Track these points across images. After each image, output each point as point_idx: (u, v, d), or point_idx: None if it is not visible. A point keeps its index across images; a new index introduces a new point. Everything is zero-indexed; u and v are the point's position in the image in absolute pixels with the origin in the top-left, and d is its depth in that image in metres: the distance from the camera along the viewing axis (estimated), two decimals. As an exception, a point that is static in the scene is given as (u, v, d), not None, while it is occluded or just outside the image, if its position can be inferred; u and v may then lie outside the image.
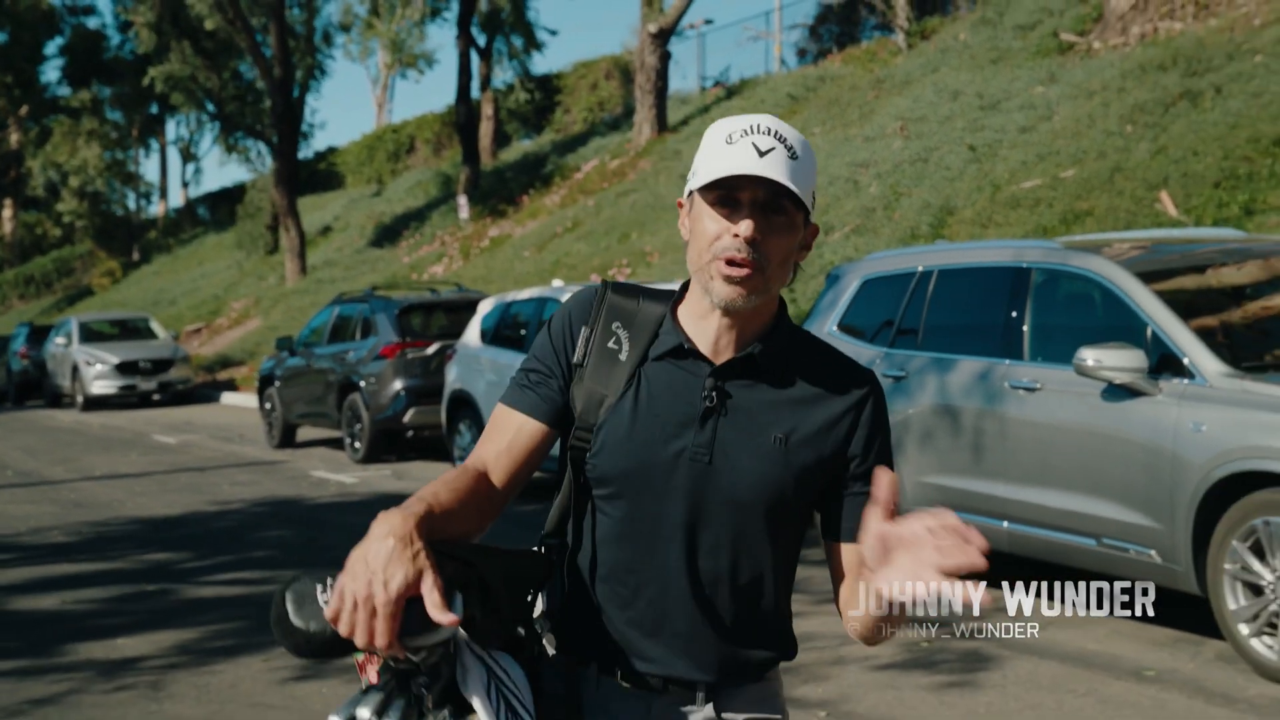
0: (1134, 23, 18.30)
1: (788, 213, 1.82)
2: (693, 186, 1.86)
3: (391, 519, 1.60)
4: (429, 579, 1.57)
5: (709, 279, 1.82)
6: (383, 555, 1.56)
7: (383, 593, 1.54)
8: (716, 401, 1.85)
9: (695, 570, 1.85)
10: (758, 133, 1.82)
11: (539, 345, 1.96)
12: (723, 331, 1.87)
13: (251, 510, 10.34)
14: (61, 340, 23.45)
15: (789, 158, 1.81)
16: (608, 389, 1.89)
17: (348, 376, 13.40)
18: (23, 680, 5.59)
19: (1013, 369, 6.24)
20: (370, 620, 1.55)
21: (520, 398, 1.92)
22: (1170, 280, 5.97)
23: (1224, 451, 5.19)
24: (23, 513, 10.55)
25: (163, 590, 7.41)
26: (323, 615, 1.58)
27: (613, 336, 1.92)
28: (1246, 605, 5.15)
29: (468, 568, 1.68)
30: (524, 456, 1.90)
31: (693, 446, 1.84)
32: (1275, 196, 11.52)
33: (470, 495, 1.79)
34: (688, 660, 1.87)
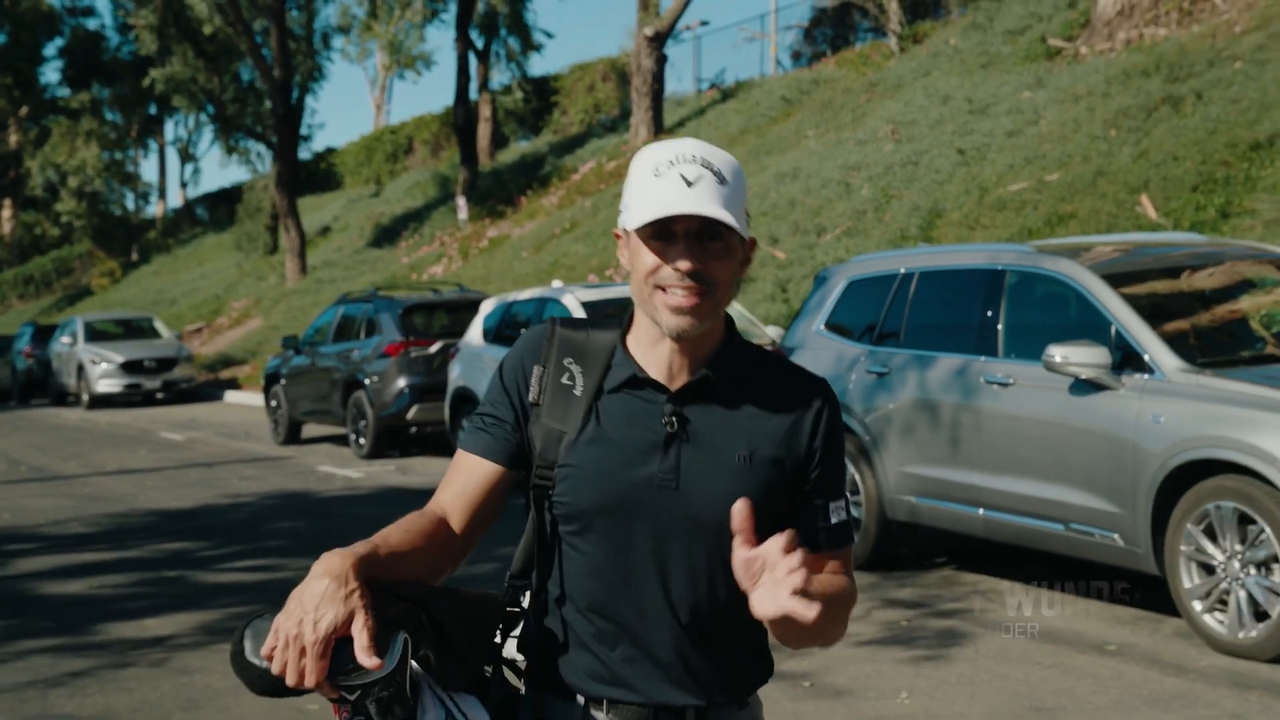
0: (1120, 29, 18.70)
1: (723, 237, 1.83)
2: (627, 225, 1.87)
3: (330, 559, 1.63)
4: (360, 620, 1.58)
5: (655, 310, 1.84)
6: (315, 595, 1.59)
7: (311, 632, 1.57)
8: (677, 427, 1.87)
9: (672, 597, 1.86)
10: (683, 162, 1.83)
11: (492, 388, 1.96)
12: (675, 357, 1.88)
13: (262, 503, 10.72)
14: (67, 339, 23.82)
15: (718, 184, 1.82)
16: (565, 425, 1.89)
17: (352, 374, 13.78)
18: (60, 656, 5.97)
19: (988, 365, 6.64)
20: (300, 659, 1.58)
21: (475, 441, 1.93)
22: (1133, 282, 6.37)
23: (1180, 441, 5.59)
24: (41, 506, 10.93)
25: (182, 576, 7.79)
26: None
27: (565, 372, 1.92)
28: (1200, 584, 5.55)
29: (417, 608, 1.68)
30: (480, 498, 1.90)
31: (659, 473, 1.85)
32: (1250, 200, 11.91)
33: (424, 538, 1.79)
34: (673, 687, 1.88)
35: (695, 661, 1.87)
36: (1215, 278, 6.72)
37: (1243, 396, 5.48)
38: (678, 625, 1.86)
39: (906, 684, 5.26)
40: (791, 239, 16.80)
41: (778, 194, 18.73)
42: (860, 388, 7.30)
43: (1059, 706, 4.89)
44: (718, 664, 1.88)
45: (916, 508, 7.03)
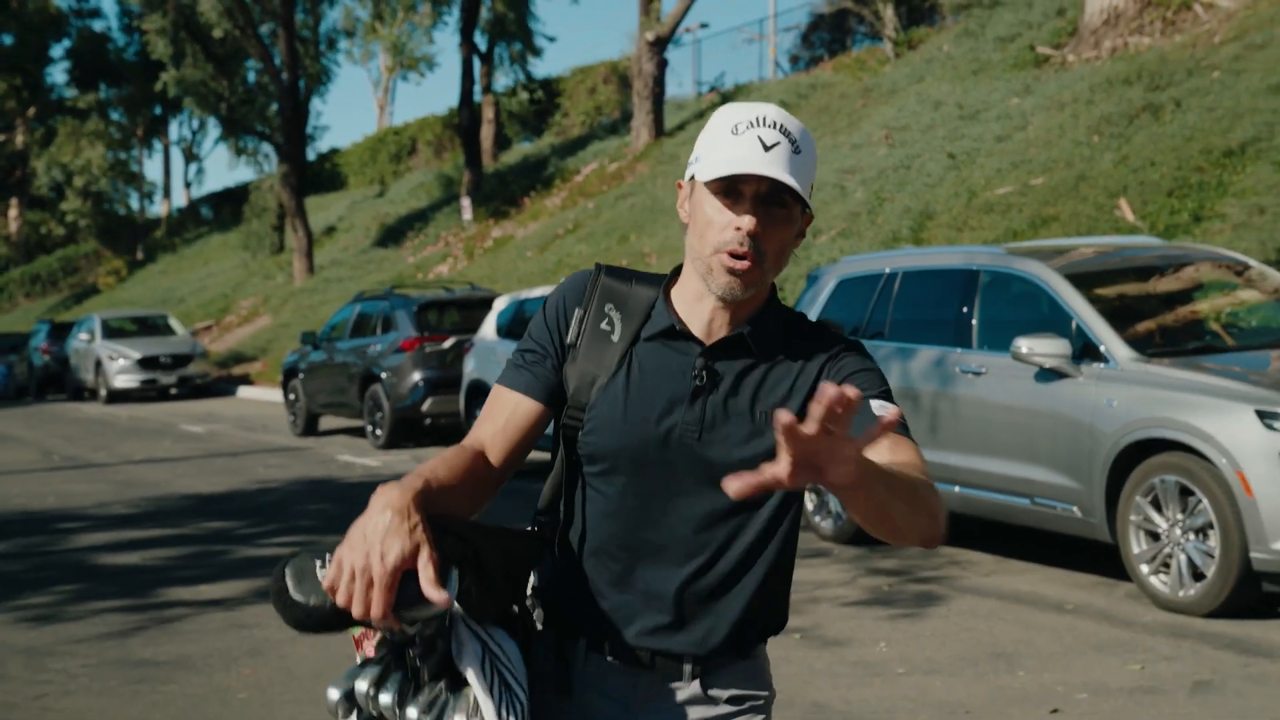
0: (1106, 37, 19.39)
1: (787, 205, 1.85)
2: (697, 175, 1.87)
3: (390, 493, 1.64)
4: (425, 554, 1.60)
5: (708, 269, 1.86)
6: (380, 528, 1.59)
7: (379, 565, 1.57)
8: (706, 380, 1.88)
9: (686, 546, 1.88)
10: (763, 125, 1.84)
11: (534, 326, 1.99)
12: (716, 314, 1.90)
13: (289, 488, 11.41)
14: (85, 336, 24.50)
15: (793, 152, 1.83)
16: (600, 369, 1.92)
17: (369, 368, 14.47)
18: (129, 614, 6.66)
19: (963, 356, 7.33)
20: (367, 592, 1.58)
21: (516, 377, 1.95)
22: (1093, 282, 7.07)
23: (1130, 423, 6.29)
24: (81, 490, 11.62)
25: (226, 550, 8.48)
26: (321, 589, 1.61)
27: (605, 318, 1.95)
28: (1146, 549, 6.24)
29: (464, 543, 1.70)
30: (520, 435, 1.93)
31: (683, 424, 1.87)
32: (1222, 205, 12.60)
33: (467, 473, 1.82)
34: (676, 635, 1.89)
35: (700, 610, 1.89)
36: (1178, 280, 7.43)
37: (1184, 383, 6.18)
38: (689, 575, 1.88)
39: (885, 636, 5.95)
40: (788, 240, 17.49)
41: (775, 196, 19.41)
42: (848, 377, 7.99)
43: (1016, 652, 5.58)
44: (723, 614, 1.90)
45: (899, 486, 7.72)
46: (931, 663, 5.51)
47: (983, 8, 23.75)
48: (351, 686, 1.69)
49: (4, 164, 56.86)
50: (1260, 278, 7.48)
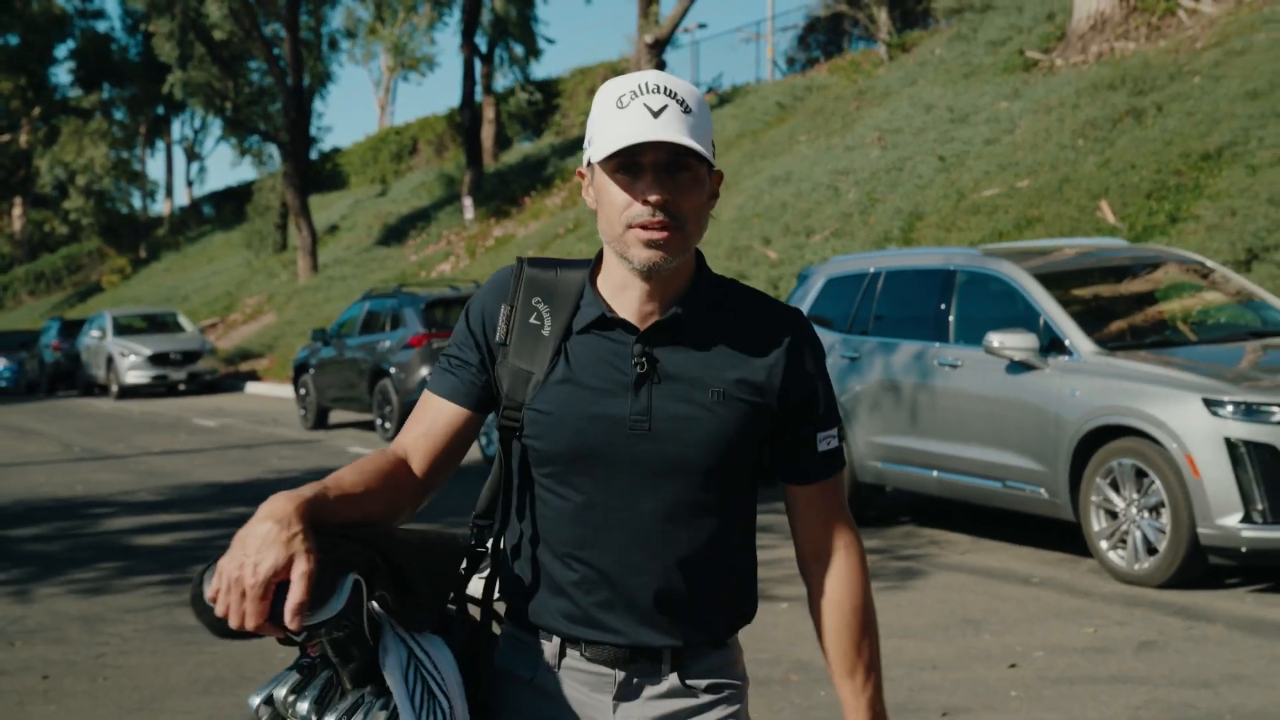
0: (1093, 42, 19.93)
1: (691, 168, 1.79)
2: (591, 157, 1.83)
3: (275, 501, 1.60)
4: (300, 567, 1.56)
5: (626, 247, 1.81)
6: (257, 538, 1.56)
7: (251, 575, 1.55)
8: (647, 367, 1.83)
9: (649, 540, 1.84)
10: (648, 92, 1.78)
11: (458, 329, 1.93)
12: (645, 297, 1.85)
13: (306, 478, 11.82)
14: (96, 333, 25.05)
15: (683, 113, 1.78)
16: (533, 366, 1.86)
17: (378, 364, 15.02)
18: (171, 587, 7.21)
19: (941, 350, 7.88)
20: (240, 602, 1.55)
21: (440, 382, 1.91)
22: (1061, 280, 7.62)
23: (1091, 411, 6.84)
24: (105, 480, 12.16)
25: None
26: None
27: (534, 312, 1.89)
28: (1105, 527, 6.80)
29: (367, 549, 1.67)
30: (444, 440, 1.88)
31: (630, 416, 1.82)
32: (1197, 207, 13.15)
33: (380, 478, 1.77)
34: (651, 629, 1.86)
35: (674, 604, 1.85)
36: (1141, 280, 7.99)
37: (1140, 374, 6.73)
38: (655, 568, 1.84)
39: (865, 605, 6.49)
40: (783, 240, 18.05)
41: (770, 197, 19.98)
42: (835, 370, 8.53)
43: (984, 619, 6.14)
44: (696, 606, 1.87)
45: (882, 472, 8.29)
46: (907, 628, 6.05)
47: (975, 11, 24.26)
48: (271, 694, 1.66)
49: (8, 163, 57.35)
50: (1223, 280, 8.04)
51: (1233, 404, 6.30)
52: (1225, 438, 6.27)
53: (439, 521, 8.39)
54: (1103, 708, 4.78)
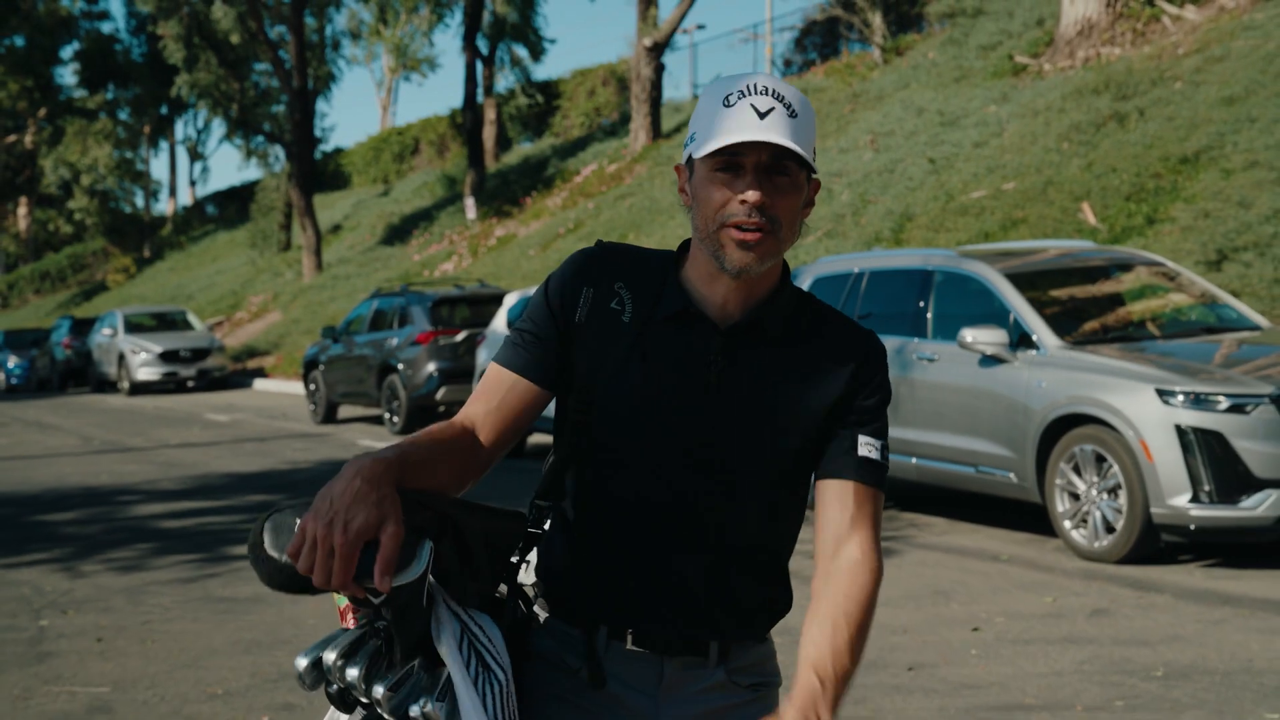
0: (1080, 47, 20.49)
1: (791, 173, 1.80)
2: (694, 154, 1.82)
3: (361, 461, 1.61)
4: (389, 528, 1.56)
5: (718, 246, 1.80)
6: (347, 496, 1.56)
7: (340, 534, 1.54)
8: (723, 365, 1.84)
9: (704, 531, 1.85)
10: (755, 93, 1.79)
11: (534, 305, 1.92)
12: (730, 294, 1.85)
13: (320, 468, 12.50)
14: (108, 331, 25.62)
15: (789, 116, 1.78)
16: (610, 351, 1.86)
17: (386, 360, 15.57)
18: (202, 564, 7.77)
19: (919, 345, 8.44)
20: (327, 560, 1.55)
21: (513, 356, 1.89)
22: (1030, 280, 8.18)
23: (1055, 401, 7.40)
24: (127, 470, 12.72)
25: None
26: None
27: (615, 296, 1.89)
28: (1069, 508, 7.36)
29: (442, 519, 1.67)
30: (513, 416, 1.87)
31: (700, 410, 1.83)
32: (1173, 209, 13.70)
33: (452, 449, 1.78)
34: (699, 620, 1.86)
35: (722, 597, 1.86)
36: (1106, 280, 8.55)
37: (1100, 366, 7.29)
38: (707, 561, 1.85)
39: (846, 579, 7.05)
40: (778, 240, 18.61)
41: (766, 198, 20.53)
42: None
43: (953, 590, 6.69)
44: (744, 599, 1.88)
45: (865, 459, 8.84)
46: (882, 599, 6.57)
47: (966, 16, 24.82)
48: (320, 656, 1.65)
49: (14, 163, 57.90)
50: (1188, 283, 8.60)
51: (1183, 394, 6.86)
52: (1176, 425, 6.83)
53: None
54: (1052, 662, 5.33)
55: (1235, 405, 6.75)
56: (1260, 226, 11.81)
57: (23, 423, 19.47)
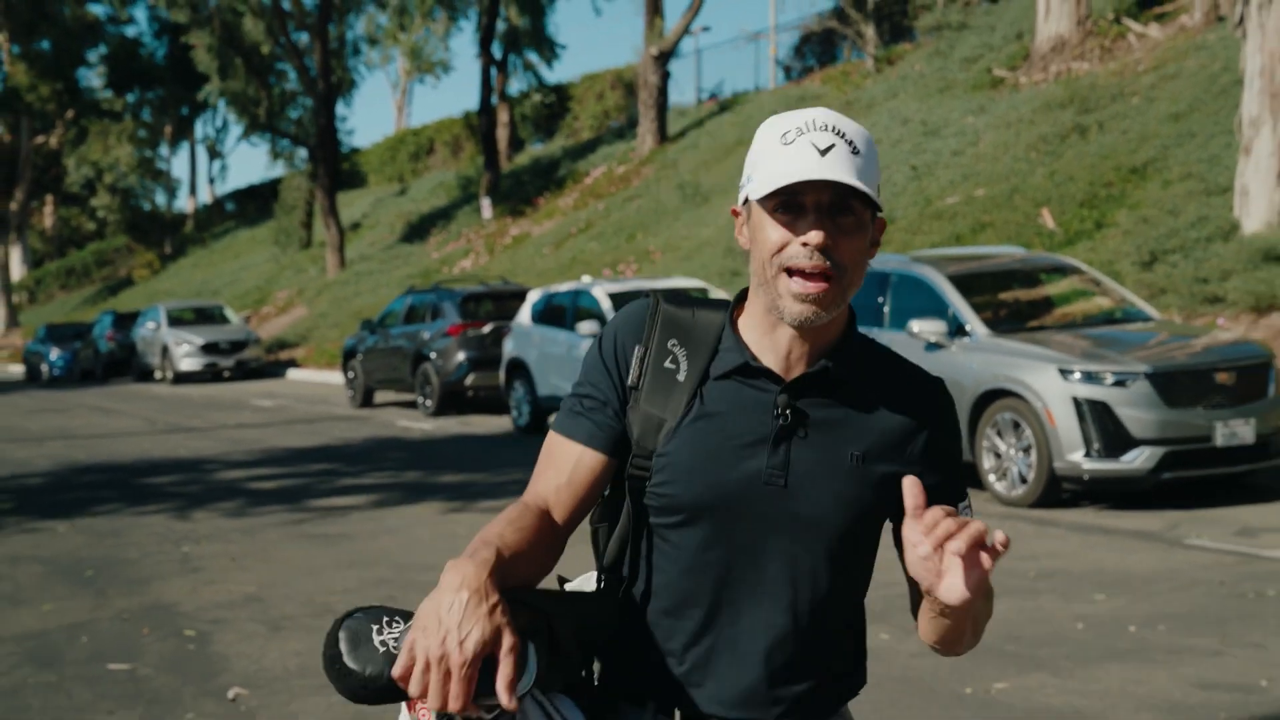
0: (1052, 62, 22.24)
1: (855, 213, 1.71)
2: (751, 195, 1.73)
3: (464, 568, 1.54)
4: (507, 642, 1.51)
5: (777, 295, 1.71)
6: (457, 611, 1.50)
7: (458, 654, 1.48)
8: (790, 420, 1.75)
9: (769, 601, 1.76)
10: (815, 129, 1.71)
11: (590, 367, 1.84)
12: (793, 345, 1.76)
13: (366, 444, 14.31)
14: (151, 325, 27.50)
15: (851, 153, 1.70)
16: (666, 412, 1.78)
17: (420, 350, 17.39)
18: (293, 512, 9.58)
19: (878, 334, 10.20)
20: (444, 683, 1.49)
21: (576, 426, 1.81)
22: (967, 281, 9.97)
23: (983, 379, 9.18)
24: (199, 445, 14.55)
25: (338, 479, 11.38)
26: (379, 657, 1.54)
27: (669, 355, 1.80)
28: (993, 465, 9.14)
29: (537, 616, 1.62)
30: (585, 488, 1.80)
31: (766, 470, 1.74)
32: (1119, 215, 15.45)
33: (536, 534, 1.71)
34: (754, 699, 1.77)
35: (783, 671, 1.77)
36: (1032, 281, 10.35)
37: (1017, 350, 9.08)
38: (772, 633, 1.76)
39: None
40: (773, 241, 20.38)
41: (763, 202, 22.29)
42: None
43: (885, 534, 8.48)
44: (806, 678, 1.79)
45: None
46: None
47: (952, 30, 26.56)
48: None
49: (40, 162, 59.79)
50: (1099, 282, 10.38)
51: (1078, 372, 8.65)
52: (1073, 396, 8.62)
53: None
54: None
55: (1118, 380, 8.54)
56: (1186, 232, 13.56)
57: (86, 408, 21.34)
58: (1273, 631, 5.60)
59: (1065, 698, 4.86)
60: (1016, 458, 8.98)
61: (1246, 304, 12.11)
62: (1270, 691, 4.83)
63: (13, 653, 6.01)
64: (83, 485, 11.60)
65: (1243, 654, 5.30)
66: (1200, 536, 7.64)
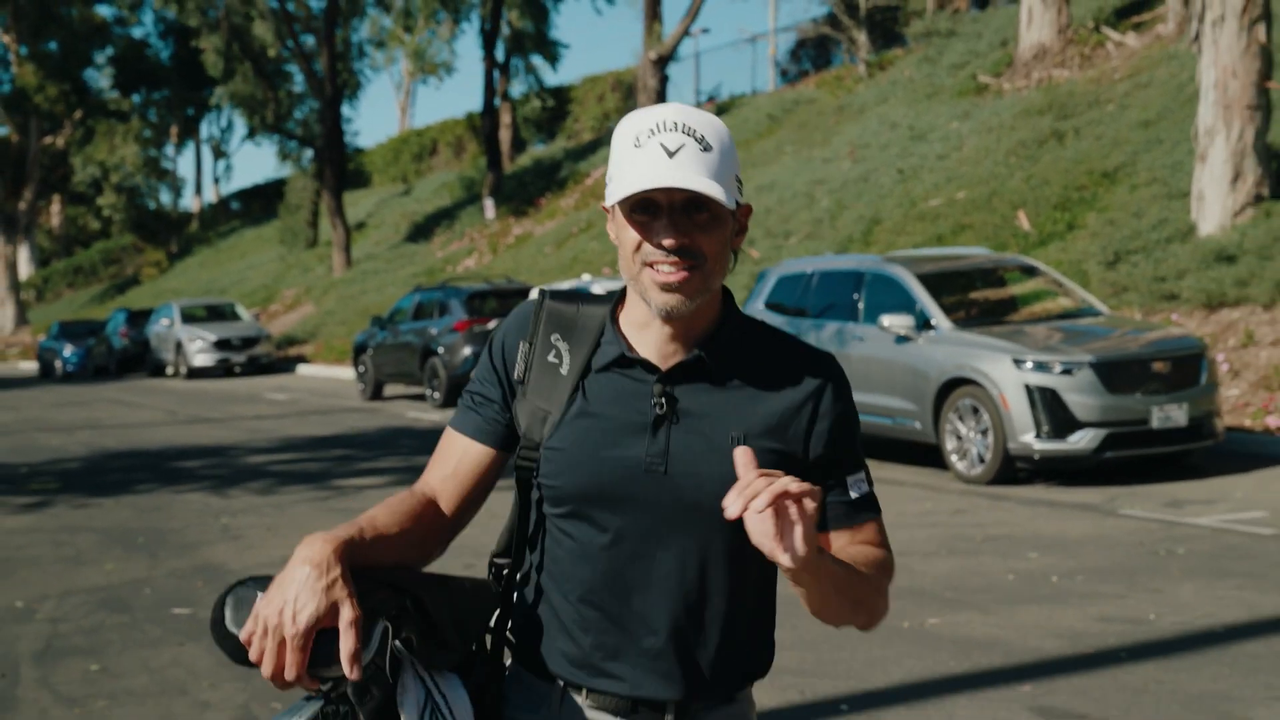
0: (1035, 69, 23.14)
1: (710, 208, 1.74)
2: (607, 200, 1.79)
3: (312, 544, 1.58)
4: (346, 615, 1.54)
5: (644, 289, 1.77)
6: (296, 583, 1.54)
7: (291, 625, 1.53)
8: (666, 408, 1.80)
9: (661, 585, 1.81)
10: (664, 130, 1.74)
11: (480, 366, 1.91)
12: (667, 337, 1.81)
13: (379, 433, 15.23)
14: (165, 321, 28.43)
15: (701, 151, 1.73)
16: (550, 404, 1.84)
17: (428, 345, 18.31)
18: (319, 490, 10.49)
19: (853, 328, 11.13)
20: (279, 651, 1.54)
21: (464, 420, 1.89)
22: (934, 279, 10.88)
23: (946, 368, 10.09)
24: (221, 435, 15.46)
25: (357, 463, 12.30)
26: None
27: (552, 349, 1.86)
28: (955, 446, 10.06)
29: (400, 595, 1.66)
30: (471, 481, 1.86)
31: (647, 457, 1.79)
32: (1089, 218, 16.35)
33: (412, 519, 1.76)
34: (656, 679, 1.82)
35: (682, 653, 1.81)
36: (995, 280, 11.27)
37: (977, 342, 9.99)
38: (666, 614, 1.80)
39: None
40: (765, 241, 21.30)
41: (756, 203, 23.21)
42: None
43: (864, 501, 9.39)
44: (706, 655, 1.82)
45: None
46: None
47: (941, 36, 27.45)
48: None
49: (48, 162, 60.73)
50: (1056, 281, 11.30)
51: (1030, 361, 9.56)
52: (1025, 384, 9.53)
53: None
54: (912, 535, 8.03)
55: (1065, 369, 9.46)
56: (1148, 234, 14.47)
57: (107, 401, 22.26)
58: (1172, 580, 6.52)
59: (987, 630, 5.77)
60: (975, 439, 9.88)
61: (1199, 301, 13.02)
62: (1156, 623, 5.75)
63: (87, 601, 6.93)
64: (118, 469, 12.51)
65: (1142, 596, 6.21)
66: (1133, 507, 8.56)
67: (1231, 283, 12.79)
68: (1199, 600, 6.12)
